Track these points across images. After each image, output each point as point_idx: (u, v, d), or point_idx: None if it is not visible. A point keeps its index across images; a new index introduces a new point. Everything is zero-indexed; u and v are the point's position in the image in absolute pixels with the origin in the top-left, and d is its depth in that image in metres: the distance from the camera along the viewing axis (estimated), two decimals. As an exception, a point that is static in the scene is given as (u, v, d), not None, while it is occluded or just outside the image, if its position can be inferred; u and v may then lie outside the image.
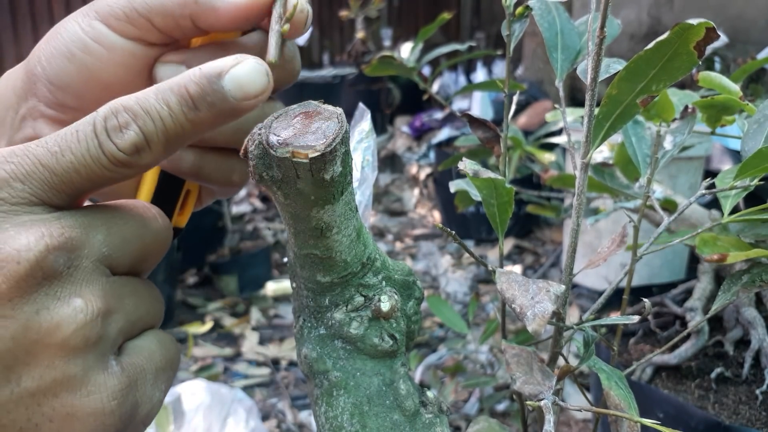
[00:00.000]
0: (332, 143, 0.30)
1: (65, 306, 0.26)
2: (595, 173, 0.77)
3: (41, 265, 0.25)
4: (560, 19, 0.50)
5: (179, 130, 0.29)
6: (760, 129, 0.51)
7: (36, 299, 0.25)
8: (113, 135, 0.27)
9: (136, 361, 0.29)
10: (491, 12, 5.55)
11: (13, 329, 0.25)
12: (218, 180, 0.38)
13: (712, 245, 0.47)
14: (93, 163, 0.27)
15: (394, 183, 3.59)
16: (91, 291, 0.27)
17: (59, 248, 0.26)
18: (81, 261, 0.27)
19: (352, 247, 0.35)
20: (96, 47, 0.33)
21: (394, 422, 0.36)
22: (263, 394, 1.73)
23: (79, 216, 0.28)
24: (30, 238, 0.25)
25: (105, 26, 0.33)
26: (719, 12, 3.06)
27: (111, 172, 0.28)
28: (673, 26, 0.35)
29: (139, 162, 0.28)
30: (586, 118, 0.40)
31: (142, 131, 0.28)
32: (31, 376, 0.26)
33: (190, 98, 0.28)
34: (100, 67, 0.34)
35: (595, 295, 2.01)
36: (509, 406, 1.54)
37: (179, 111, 0.28)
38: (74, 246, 0.27)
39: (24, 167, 0.26)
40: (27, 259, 0.25)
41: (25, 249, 0.25)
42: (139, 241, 0.30)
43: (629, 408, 0.39)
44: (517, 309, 0.35)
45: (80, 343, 0.26)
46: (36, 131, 0.35)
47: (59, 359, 0.26)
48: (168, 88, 0.28)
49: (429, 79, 1.09)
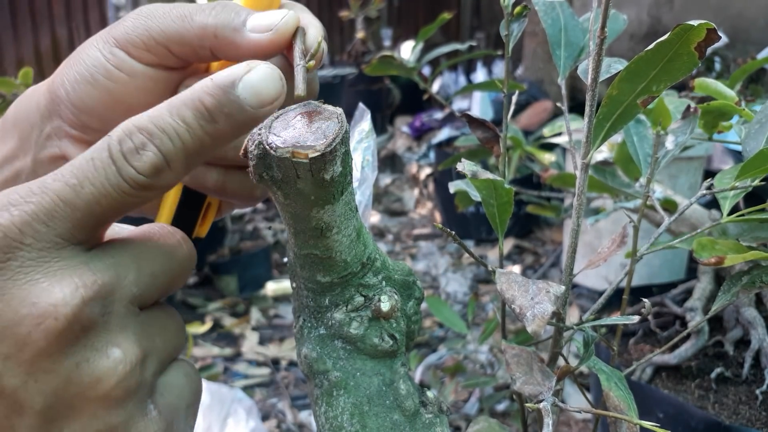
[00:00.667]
0: (332, 143, 0.30)
1: (104, 357, 0.25)
2: (595, 172, 0.77)
3: (78, 318, 0.25)
4: (564, 15, 0.50)
5: (198, 145, 0.27)
6: (761, 129, 0.50)
7: (75, 352, 0.25)
8: (131, 158, 0.26)
9: (170, 401, 0.29)
10: (491, 12, 5.55)
11: (55, 384, 0.25)
12: (241, 196, 0.39)
13: (710, 249, 0.47)
14: (114, 191, 0.26)
15: (394, 183, 3.59)
16: (126, 337, 0.26)
17: (94, 298, 0.25)
18: (114, 306, 0.26)
19: (352, 247, 0.35)
20: (118, 73, 0.34)
21: (394, 422, 0.36)
22: (263, 394, 1.73)
23: (107, 257, 0.27)
24: (65, 291, 0.24)
25: (125, 53, 0.34)
26: (719, 12, 3.06)
27: (133, 198, 0.26)
28: (674, 27, 0.35)
29: (160, 183, 0.27)
30: (587, 119, 0.40)
31: (160, 151, 0.27)
32: (73, 429, 0.26)
33: (207, 111, 0.27)
34: (123, 92, 0.34)
35: (595, 295, 2.01)
36: (509, 406, 1.54)
37: (197, 125, 0.27)
38: (107, 292, 0.26)
39: (44, 206, 0.25)
40: (65, 315, 0.24)
41: (61, 304, 0.24)
42: (167, 275, 0.29)
43: (629, 409, 0.39)
44: (517, 309, 0.34)
45: (121, 394, 0.26)
46: (62, 150, 0.36)
47: (101, 411, 0.26)
48: (181, 103, 0.27)
49: (429, 79, 1.09)
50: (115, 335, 0.26)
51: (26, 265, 0.24)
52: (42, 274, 0.24)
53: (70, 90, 0.34)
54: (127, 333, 0.27)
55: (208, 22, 0.33)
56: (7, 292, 0.24)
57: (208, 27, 0.33)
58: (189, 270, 0.31)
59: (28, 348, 0.24)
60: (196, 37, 0.33)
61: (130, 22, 0.34)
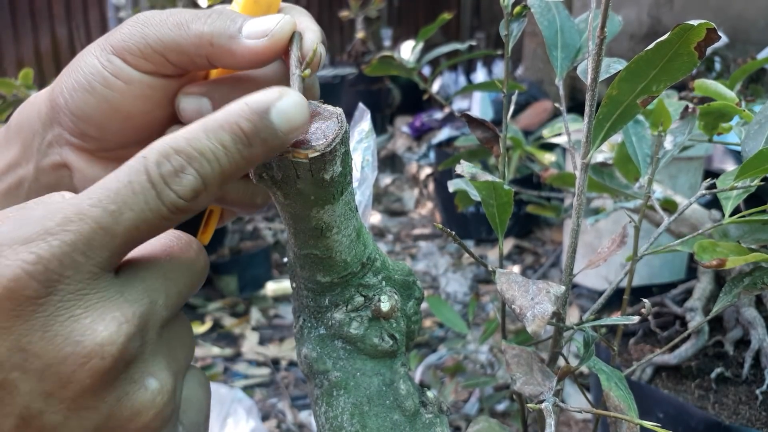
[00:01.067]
0: (332, 143, 0.30)
1: (143, 389, 0.26)
2: (594, 173, 0.77)
3: (123, 356, 0.24)
4: (560, 17, 0.50)
5: (234, 169, 0.27)
6: (761, 130, 0.51)
7: (117, 387, 0.25)
8: (171, 182, 0.25)
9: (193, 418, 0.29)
10: (491, 12, 5.55)
11: (96, 420, 0.25)
12: (242, 204, 0.39)
13: (711, 251, 0.47)
14: (152, 216, 0.25)
15: (394, 183, 3.59)
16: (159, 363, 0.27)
17: (136, 333, 0.25)
18: (149, 334, 0.26)
19: (352, 247, 0.35)
20: (115, 81, 0.34)
21: (394, 422, 0.36)
22: (263, 394, 1.73)
23: (138, 282, 0.26)
24: (110, 329, 0.24)
25: (121, 61, 0.34)
26: (719, 12, 3.06)
27: (167, 222, 0.26)
28: (674, 27, 0.35)
29: (196, 206, 0.27)
30: (587, 119, 0.40)
31: (199, 174, 0.26)
32: None
33: (245, 136, 0.27)
34: (120, 100, 0.34)
35: (595, 295, 2.01)
36: (509, 406, 1.54)
37: (234, 150, 0.27)
38: (145, 322, 0.26)
39: (84, 235, 0.24)
40: (111, 354, 0.24)
41: (108, 343, 0.24)
42: (190, 289, 0.29)
43: (629, 409, 0.39)
44: (517, 310, 0.35)
45: (159, 424, 0.26)
46: (63, 158, 0.36)
47: None
48: (219, 126, 0.27)
49: (429, 79, 1.09)
50: (150, 364, 0.26)
51: (66, 299, 0.24)
52: (83, 308, 0.24)
53: (68, 98, 0.34)
54: (159, 359, 0.27)
55: (204, 30, 0.33)
56: (50, 329, 0.23)
57: (204, 35, 0.33)
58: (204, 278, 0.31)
59: (72, 386, 0.24)
60: (193, 46, 0.33)
61: (127, 29, 0.34)
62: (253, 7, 0.36)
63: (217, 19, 0.33)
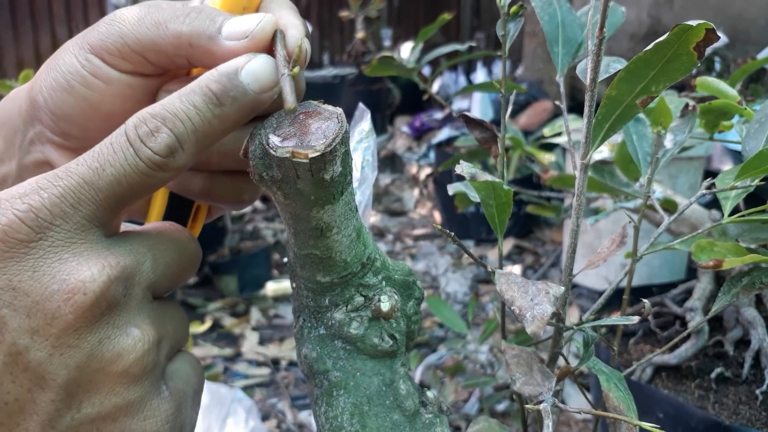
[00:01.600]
0: (332, 143, 0.30)
1: (125, 335, 0.27)
2: (594, 172, 0.77)
3: (105, 296, 0.26)
4: (561, 11, 0.49)
5: (208, 127, 0.29)
6: (761, 129, 0.50)
7: (99, 329, 0.27)
8: (147, 140, 0.28)
9: (179, 386, 0.31)
10: (491, 12, 5.55)
11: (78, 358, 0.26)
12: (228, 200, 0.39)
13: (709, 251, 0.47)
14: (132, 171, 0.28)
15: (394, 183, 3.59)
16: (143, 319, 0.28)
17: (119, 278, 0.27)
18: (134, 289, 0.28)
19: (352, 247, 0.35)
20: (94, 81, 0.33)
21: (394, 422, 0.36)
22: (263, 394, 1.73)
23: (127, 243, 0.29)
24: (93, 270, 0.26)
25: (100, 60, 0.33)
26: (719, 12, 3.06)
27: (149, 178, 0.28)
28: (673, 27, 0.35)
29: (174, 163, 0.29)
30: (586, 119, 0.40)
31: (173, 132, 0.28)
32: (92, 403, 0.27)
33: (214, 95, 0.29)
34: (100, 100, 0.34)
35: (595, 295, 2.01)
36: (509, 406, 1.54)
37: (206, 108, 0.29)
38: (129, 274, 0.28)
39: (71, 189, 0.27)
40: (93, 291, 0.26)
41: (90, 281, 0.26)
42: (178, 266, 0.31)
43: (628, 410, 0.39)
44: (517, 310, 0.35)
45: (140, 371, 0.28)
46: (45, 155, 0.35)
47: (120, 386, 0.27)
48: (190, 90, 0.29)
49: (429, 80, 1.09)
50: (134, 316, 0.28)
51: (56, 245, 0.26)
52: (70, 253, 0.26)
53: (47, 97, 0.34)
54: (144, 315, 0.28)
55: (183, 30, 0.32)
56: (39, 269, 0.26)
57: (183, 35, 0.32)
58: (196, 265, 0.33)
59: (57, 322, 0.26)
60: (171, 46, 0.32)
61: (104, 27, 0.33)
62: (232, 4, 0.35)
63: (195, 19, 0.32)
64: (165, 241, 0.31)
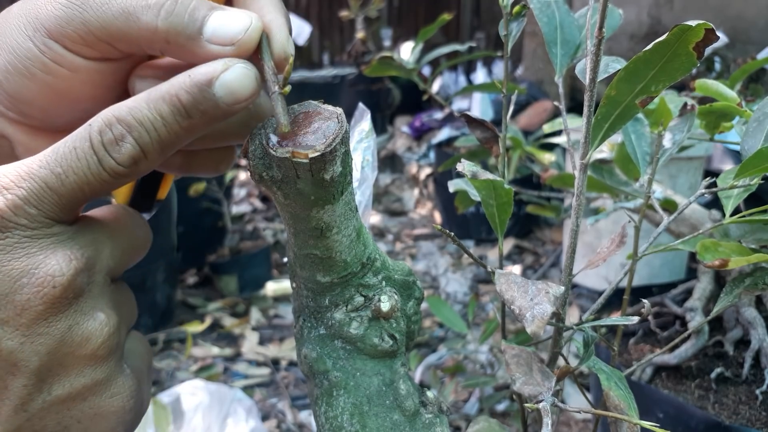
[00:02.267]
0: (332, 143, 0.30)
1: (91, 320, 0.29)
2: (594, 171, 0.77)
3: (72, 286, 0.28)
4: (559, 12, 0.50)
5: (173, 138, 0.29)
6: (759, 127, 0.50)
7: (68, 316, 0.28)
8: (111, 149, 0.28)
9: (136, 364, 0.33)
10: (491, 12, 5.55)
11: (49, 345, 0.28)
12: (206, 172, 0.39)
13: (714, 251, 0.47)
14: (94, 179, 0.28)
15: (394, 183, 3.59)
16: (106, 304, 0.30)
17: (83, 269, 0.28)
18: (96, 276, 0.29)
19: (352, 247, 0.35)
20: (58, 68, 0.30)
21: (394, 422, 0.36)
22: (263, 394, 1.73)
23: (88, 233, 0.30)
24: (61, 263, 0.27)
25: (61, 47, 0.30)
26: (719, 12, 3.06)
27: (110, 184, 0.29)
28: (672, 27, 0.35)
29: (136, 172, 0.29)
30: (585, 119, 0.40)
31: (138, 143, 0.28)
32: (62, 385, 0.29)
33: (183, 107, 0.29)
34: (66, 87, 0.31)
35: (595, 295, 2.01)
36: (509, 406, 1.54)
37: (173, 120, 0.29)
38: (92, 264, 0.29)
39: (34, 192, 0.27)
40: (61, 283, 0.27)
41: (58, 273, 0.27)
42: (132, 251, 0.33)
43: (629, 409, 0.39)
44: (517, 310, 0.35)
45: (105, 352, 0.29)
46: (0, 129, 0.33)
47: (88, 368, 0.29)
48: (160, 98, 0.29)
49: (429, 80, 1.09)
50: (98, 301, 0.29)
51: (23, 241, 0.27)
52: (37, 248, 0.27)
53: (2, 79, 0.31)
54: (106, 299, 0.30)
55: (158, 25, 0.29)
56: (7, 264, 0.27)
57: (159, 32, 0.29)
58: (147, 248, 0.34)
59: (27, 313, 0.27)
60: (144, 39, 0.30)
61: (61, 11, 0.29)
62: None
63: (172, 13, 0.29)
64: (122, 228, 0.32)
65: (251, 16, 0.30)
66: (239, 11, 0.31)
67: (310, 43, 4.88)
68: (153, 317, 1.97)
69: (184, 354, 1.87)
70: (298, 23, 3.71)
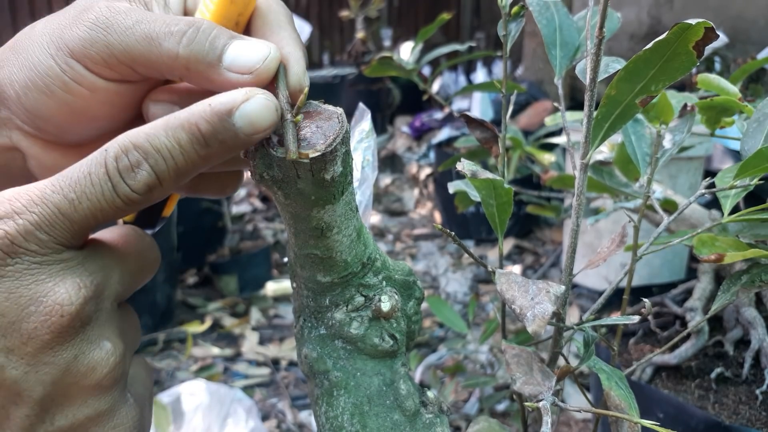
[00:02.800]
0: (333, 143, 0.30)
1: (98, 349, 0.28)
2: (594, 172, 0.77)
3: (80, 315, 0.27)
4: (558, 15, 0.50)
5: (189, 167, 0.29)
6: (759, 128, 0.51)
7: (74, 345, 0.27)
8: (126, 176, 0.27)
9: (139, 391, 0.32)
10: (491, 12, 5.55)
11: (54, 374, 0.27)
12: (212, 194, 0.39)
13: (710, 246, 0.47)
14: (108, 206, 0.27)
15: (394, 183, 3.59)
16: (113, 331, 0.29)
17: (93, 297, 0.28)
18: (104, 303, 0.29)
19: (353, 247, 0.35)
20: (77, 88, 0.31)
21: (395, 422, 0.36)
22: (263, 394, 1.73)
23: (98, 258, 0.29)
24: (70, 291, 0.27)
25: (83, 67, 0.31)
26: (719, 12, 3.06)
27: (123, 211, 0.28)
28: (672, 26, 0.35)
29: (150, 199, 0.29)
30: (585, 119, 0.40)
31: (154, 171, 0.28)
32: (65, 415, 0.28)
33: (202, 137, 0.28)
34: (84, 106, 0.32)
35: (595, 295, 2.01)
36: (509, 406, 1.54)
37: (191, 149, 0.28)
38: (101, 291, 0.28)
39: (46, 217, 0.27)
40: (69, 312, 0.27)
41: (67, 303, 0.26)
42: (141, 274, 0.32)
43: (630, 408, 0.39)
44: (517, 310, 0.35)
45: (111, 382, 0.29)
46: (13, 141, 0.34)
47: (92, 398, 0.28)
48: (179, 126, 0.28)
49: (429, 80, 1.09)
50: (105, 329, 0.29)
51: (32, 267, 0.26)
52: (47, 275, 0.27)
53: (21, 93, 0.31)
54: (113, 327, 0.29)
55: (180, 52, 0.30)
56: (15, 291, 0.26)
57: (180, 58, 0.30)
58: (155, 269, 0.33)
59: (33, 342, 0.26)
60: (165, 66, 0.30)
61: (86, 33, 0.30)
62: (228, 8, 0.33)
63: (194, 41, 0.30)
64: (131, 252, 0.31)
65: (270, 47, 0.31)
66: (259, 41, 0.31)
67: (310, 43, 4.88)
68: (153, 317, 1.97)
69: (184, 354, 1.87)
70: (298, 23, 3.71)
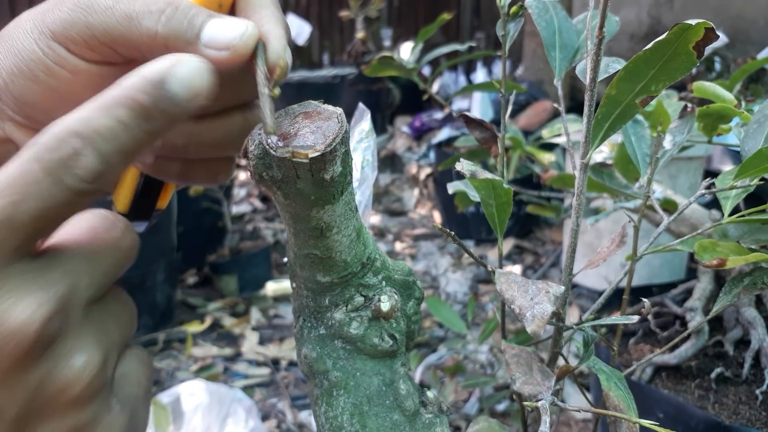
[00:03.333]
0: (332, 143, 0.30)
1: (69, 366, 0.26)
2: (593, 174, 0.77)
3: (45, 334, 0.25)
4: (558, 17, 0.50)
5: (136, 144, 0.27)
6: (760, 129, 0.51)
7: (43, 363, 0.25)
8: (69, 166, 0.25)
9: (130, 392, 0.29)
10: (491, 12, 5.55)
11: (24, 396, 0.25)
12: (204, 181, 0.38)
13: (712, 251, 0.47)
14: (57, 203, 0.25)
15: (394, 183, 3.59)
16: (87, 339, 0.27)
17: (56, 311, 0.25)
18: (73, 313, 0.26)
19: (352, 247, 0.35)
20: (60, 71, 0.31)
21: (394, 422, 0.36)
22: (263, 394, 1.73)
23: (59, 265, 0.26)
24: (27, 311, 0.24)
25: (64, 49, 0.30)
26: (719, 12, 3.06)
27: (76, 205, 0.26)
28: (672, 26, 0.35)
29: (102, 185, 0.26)
30: (586, 119, 0.40)
31: (99, 154, 0.25)
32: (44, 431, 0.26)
33: (143, 109, 0.27)
34: (68, 90, 0.31)
35: (595, 295, 2.01)
36: (509, 406, 1.54)
37: (134, 124, 0.26)
38: (66, 303, 0.26)
39: None
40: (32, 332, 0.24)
41: (28, 322, 0.24)
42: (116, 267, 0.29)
43: (628, 409, 0.39)
44: (517, 310, 0.35)
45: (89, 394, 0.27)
46: (6, 133, 0.33)
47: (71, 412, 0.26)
48: (116, 102, 0.26)
49: (429, 80, 1.09)
50: (77, 340, 0.26)
51: None
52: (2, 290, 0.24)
53: (8, 81, 0.31)
54: (86, 336, 0.27)
55: (159, 30, 0.30)
56: None
57: (159, 36, 0.30)
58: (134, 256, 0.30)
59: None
60: (145, 45, 0.30)
61: (67, 14, 0.30)
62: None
63: (172, 19, 0.30)
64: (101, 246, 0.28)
65: (247, 24, 0.30)
66: (236, 19, 0.31)
67: (310, 43, 4.88)
68: (153, 317, 1.97)
69: (184, 354, 1.87)
70: (298, 23, 3.72)
